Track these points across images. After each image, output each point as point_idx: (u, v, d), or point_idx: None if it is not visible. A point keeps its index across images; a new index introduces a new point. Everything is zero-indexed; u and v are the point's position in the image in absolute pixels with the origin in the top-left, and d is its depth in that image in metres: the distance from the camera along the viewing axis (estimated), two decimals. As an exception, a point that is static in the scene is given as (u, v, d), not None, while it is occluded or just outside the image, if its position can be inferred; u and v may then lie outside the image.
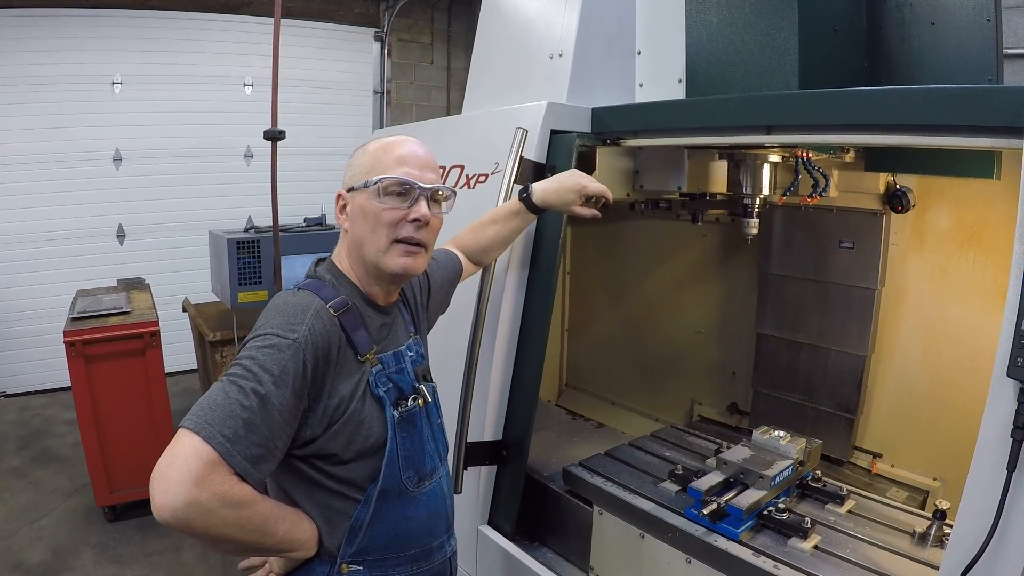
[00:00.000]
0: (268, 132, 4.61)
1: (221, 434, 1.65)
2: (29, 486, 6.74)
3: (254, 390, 1.72)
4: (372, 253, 2.03)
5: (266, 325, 1.88)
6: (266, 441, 1.73)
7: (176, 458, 1.61)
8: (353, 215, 2.07)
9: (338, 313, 1.96)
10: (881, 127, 2.13)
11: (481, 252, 2.83)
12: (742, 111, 2.52)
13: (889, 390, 3.54)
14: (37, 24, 8.93)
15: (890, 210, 3.35)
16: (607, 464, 3.12)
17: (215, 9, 9.61)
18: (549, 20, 3.54)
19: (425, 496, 2.14)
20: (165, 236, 9.97)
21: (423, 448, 2.14)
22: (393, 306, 2.23)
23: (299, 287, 2.04)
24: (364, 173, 2.05)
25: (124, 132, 9.57)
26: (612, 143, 3.13)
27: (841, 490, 2.73)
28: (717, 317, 4.34)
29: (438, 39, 11.60)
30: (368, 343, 2.03)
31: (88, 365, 5.63)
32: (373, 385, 2.01)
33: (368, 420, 1.98)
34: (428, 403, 2.18)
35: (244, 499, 1.69)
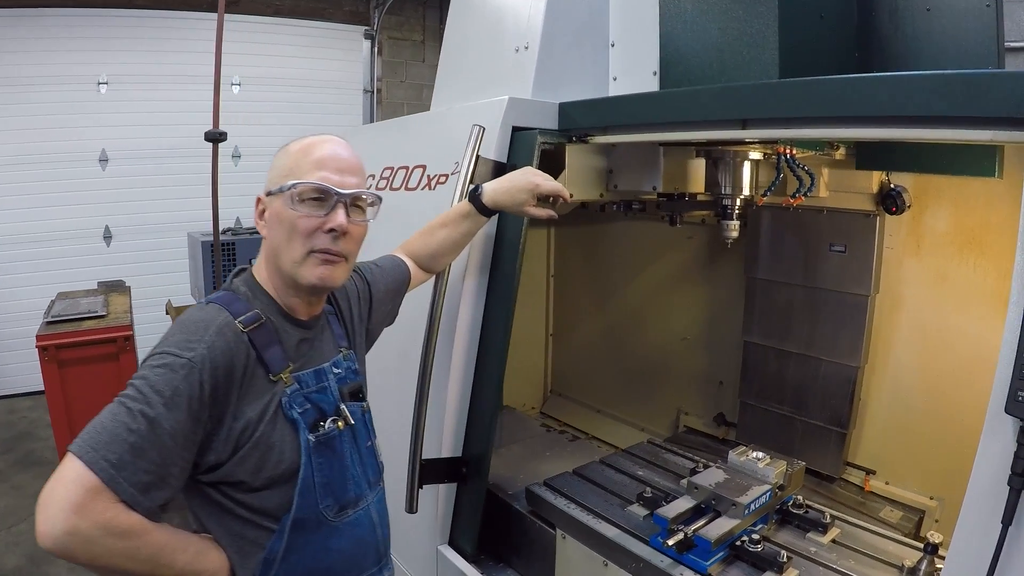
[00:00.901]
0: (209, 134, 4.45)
1: (105, 459, 1.54)
2: (10, 490, 6.70)
3: (142, 412, 1.59)
4: (288, 264, 1.89)
5: (164, 343, 1.75)
6: (156, 467, 1.61)
7: (58, 484, 1.53)
8: (270, 221, 1.93)
9: (248, 329, 1.81)
10: (868, 119, 1.91)
11: (431, 258, 2.68)
12: (714, 103, 2.32)
13: (883, 403, 3.36)
14: (21, 24, 8.88)
15: (884, 211, 3.17)
16: (574, 484, 2.95)
17: (202, 8, 9.48)
18: (516, 11, 3.37)
19: (348, 526, 1.99)
20: (151, 238, 9.92)
21: (344, 474, 1.99)
22: (317, 320, 2.08)
23: (209, 300, 1.89)
24: (282, 176, 1.90)
25: (110, 133, 9.52)
26: (579, 140, 2.95)
27: (824, 517, 2.52)
28: (704, 323, 4.17)
29: (430, 37, 11.46)
30: (282, 361, 1.88)
31: (62, 369, 5.61)
32: (286, 406, 1.86)
33: (279, 444, 1.83)
34: (351, 425, 2.01)
35: (131, 528, 1.58)
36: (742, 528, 2.33)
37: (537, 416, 4.83)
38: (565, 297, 4.93)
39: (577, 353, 4.90)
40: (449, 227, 2.63)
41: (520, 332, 2.94)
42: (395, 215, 3.21)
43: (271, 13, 10.26)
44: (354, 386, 2.11)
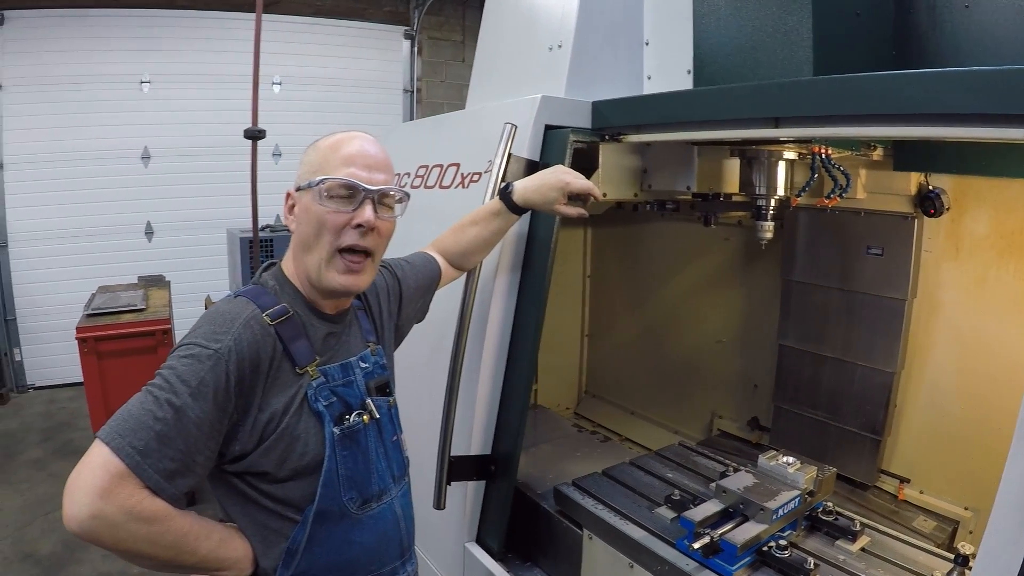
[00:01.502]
0: (249, 131, 4.47)
1: (131, 446, 1.57)
2: (47, 478, 6.84)
3: (169, 401, 1.62)
4: (314, 264, 1.91)
5: (192, 334, 1.77)
6: (182, 455, 1.63)
7: (85, 469, 1.56)
8: (299, 216, 1.95)
9: (275, 322, 1.82)
10: (904, 117, 1.85)
11: (461, 255, 2.67)
12: (746, 102, 2.29)
13: (919, 410, 3.29)
14: (67, 24, 9.09)
15: (922, 213, 3.10)
16: (602, 485, 2.93)
17: (243, 8, 9.58)
18: (550, 10, 3.36)
19: (371, 519, 1.99)
20: (192, 234, 10.09)
21: (369, 468, 1.99)
22: (345, 314, 2.09)
23: (237, 294, 1.90)
24: (311, 172, 1.92)
25: (152, 131, 9.71)
26: (613, 139, 2.92)
27: (854, 524, 2.45)
28: (739, 326, 4.11)
29: (469, 37, 11.46)
30: (309, 354, 1.89)
31: (100, 361, 5.69)
32: (311, 399, 1.86)
33: (304, 436, 1.84)
34: (376, 419, 2.02)
35: (155, 514, 1.60)
36: (769, 534, 2.29)
37: (571, 416, 4.81)
38: (601, 297, 4.89)
39: (612, 354, 4.87)
40: (480, 225, 2.62)
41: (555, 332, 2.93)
42: (429, 213, 3.22)
43: (311, 13, 10.35)
44: (381, 381, 2.11)
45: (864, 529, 2.47)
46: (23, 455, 7.40)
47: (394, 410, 2.15)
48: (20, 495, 6.47)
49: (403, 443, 2.19)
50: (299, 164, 1.98)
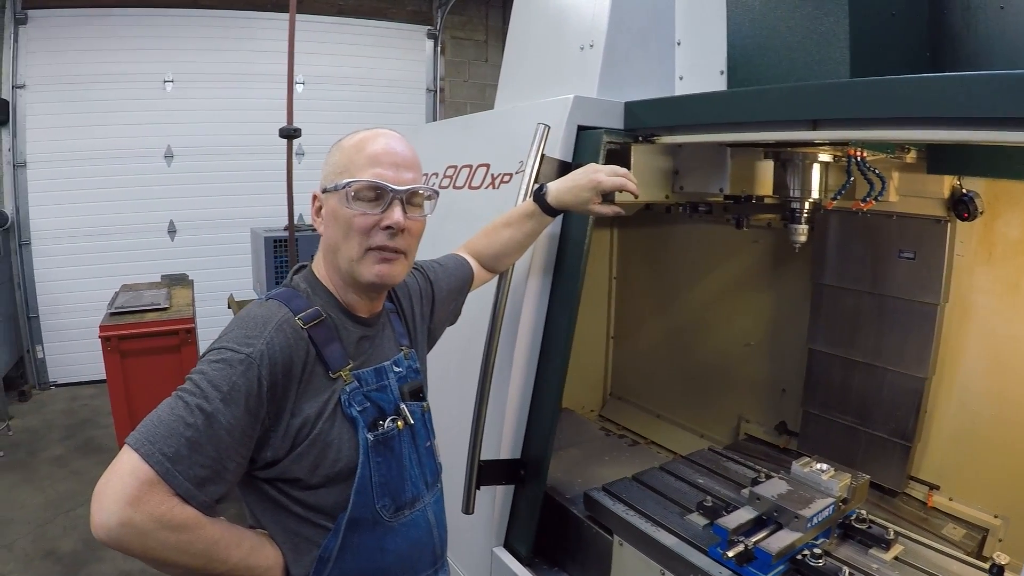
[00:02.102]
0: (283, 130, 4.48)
1: (161, 452, 1.55)
2: (69, 475, 6.88)
3: (200, 407, 1.60)
4: (346, 261, 1.88)
5: (223, 338, 1.75)
6: (212, 462, 1.61)
7: (114, 476, 1.54)
8: (327, 219, 1.92)
9: (308, 326, 1.80)
10: (942, 120, 1.82)
11: (494, 258, 2.64)
12: (784, 103, 2.25)
13: (950, 416, 3.25)
14: (91, 24, 9.19)
15: (955, 217, 3.05)
16: (632, 490, 2.90)
17: (266, 8, 9.65)
18: (580, 9, 3.34)
19: (405, 527, 1.96)
20: (215, 232, 10.15)
21: (403, 474, 1.96)
22: (378, 317, 2.06)
23: (269, 296, 1.88)
24: (337, 174, 1.89)
25: (176, 129, 9.79)
26: (646, 140, 2.89)
27: (888, 532, 2.41)
28: (768, 329, 4.07)
29: (492, 37, 11.50)
30: (342, 358, 1.86)
31: (123, 360, 5.69)
32: (345, 404, 1.83)
33: (337, 442, 1.81)
34: (410, 425, 1.99)
35: (185, 522, 1.58)
36: (804, 542, 2.25)
37: (596, 419, 4.78)
38: (627, 299, 4.86)
39: (638, 356, 4.83)
40: (513, 227, 2.59)
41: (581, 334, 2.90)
42: (459, 214, 3.20)
43: (335, 13, 10.39)
44: (414, 385, 2.08)
45: (898, 538, 2.43)
46: (45, 452, 7.44)
47: (427, 415, 2.12)
48: (42, 492, 6.51)
49: (436, 449, 2.16)
50: (323, 165, 1.95)
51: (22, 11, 8.85)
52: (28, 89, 9.06)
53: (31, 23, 8.94)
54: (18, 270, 9.30)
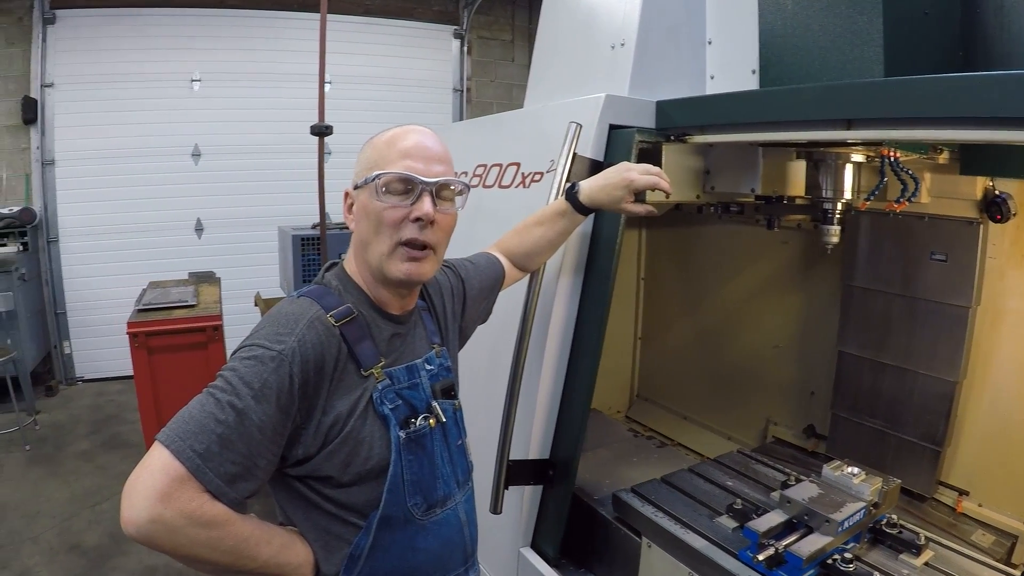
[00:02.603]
0: (315, 127, 4.50)
1: (192, 449, 1.55)
2: (95, 470, 6.95)
3: (231, 404, 1.60)
4: (376, 257, 1.87)
5: (254, 335, 1.75)
6: (243, 459, 1.61)
7: (144, 472, 1.54)
8: (358, 215, 1.91)
9: (340, 323, 1.80)
10: (976, 120, 1.81)
11: (526, 256, 2.63)
12: (817, 103, 2.23)
13: (981, 421, 3.20)
14: (118, 23, 9.28)
15: (988, 219, 3.01)
16: (661, 492, 2.88)
17: (292, 7, 9.70)
18: (611, 8, 3.32)
19: (436, 525, 1.95)
20: (242, 230, 10.21)
21: (434, 472, 1.94)
22: (410, 315, 2.05)
23: (300, 294, 1.89)
24: (367, 169, 1.88)
25: (203, 128, 9.87)
26: (677, 139, 2.87)
27: (918, 538, 2.38)
28: (797, 331, 4.03)
29: (519, 37, 11.50)
30: (374, 356, 1.86)
31: (151, 356, 5.73)
32: (377, 402, 1.83)
33: (368, 440, 1.80)
34: (442, 423, 1.98)
35: (215, 519, 1.58)
36: (834, 546, 2.23)
37: (623, 420, 4.76)
38: (655, 300, 4.84)
39: (665, 357, 4.80)
40: (545, 226, 2.58)
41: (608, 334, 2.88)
42: (489, 213, 3.20)
43: (362, 13, 10.43)
44: (446, 383, 2.07)
45: (928, 543, 2.40)
46: (71, 447, 7.52)
47: (459, 413, 2.11)
48: (67, 486, 6.57)
49: (467, 447, 2.15)
50: (356, 163, 1.96)
51: (50, 11, 8.94)
52: (56, 88, 9.15)
53: (59, 23, 9.04)
54: (46, 266, 9.40)
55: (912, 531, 2.44)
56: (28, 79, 9.02)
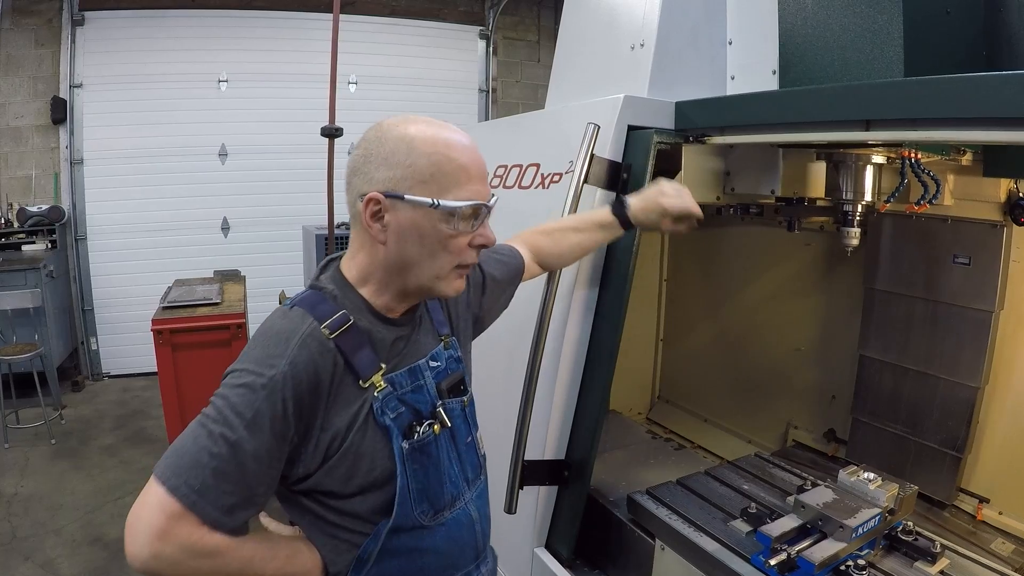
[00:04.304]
0: (325, 129, 4.50)
1: (187, 485, 1.53)
2: (119, 464, 7.03)
3: (223, 436, 1.56)
4: (426, 279, 1.78)
5: (245, 357, 1.68)
6: (240, 489, 1.59)
7: (143, 509, 1.53)
8: (401, 233, 1.72)
9: (335, 334, 1.70)
10: (999, 121, 1.78)
11: (556, 258, 2.56)
12: (837, 103, 2.21)
13: (1003, 428, 3.15)
14: (147, 25, 9.38)
15: (1012, 222, 2.96)
16: (676, 494, 2.86)
17: (319, 8, 9.75)
18: (631, 8, 3.31)
19: (444, 527, 1.89)
20: (267, 230, 10.27)
21: (440, 479, 1.88)
22: (413, 313, 1.93)
23: (294, 303, 1.77)
24: (423, 183, 1.69)
25: (230, 128, 9.94)
26: (696, 140, 2.86)
27: (934, 545, 2.34)
28: (818, 335, 3.99)
29: (544, 37, 11.49)
30: (373, 364, 1.75)
31: (175, 353, 5.79)
32: (378, 412, 1.74)
33: (370, 453, 1.74)
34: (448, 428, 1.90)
35: (215, 549, 1.57)
36: (848, 552, 2.20)
37: (643, 422, 4.73)
38: (677, 302, 4.81)
39: (687, 360, 4.78)
40: (583, 234, 2.53)
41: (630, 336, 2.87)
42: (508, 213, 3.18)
43: (387, 13, 10.46)
44: (454, 379, 1.98)
45: (944, 551, 2.36)
46: (96, 441, 7.60)
47: (468, 409, 2.03)
48: (92, 480, 6.65)
49: (479, 441, 2.07)
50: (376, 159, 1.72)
51: (79, 12, 9.06)
52: (85, 88, 9.27)
53: (88, 24, 9.16)
54: (74, 264, 9.52)
55: (928, 538, 2.40)
56: (57, 80, 9.15)
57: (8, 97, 9.07)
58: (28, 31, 9.02)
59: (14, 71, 9.05)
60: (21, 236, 8.89)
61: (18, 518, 5.83)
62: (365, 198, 1.69)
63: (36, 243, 8.90)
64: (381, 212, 1.70)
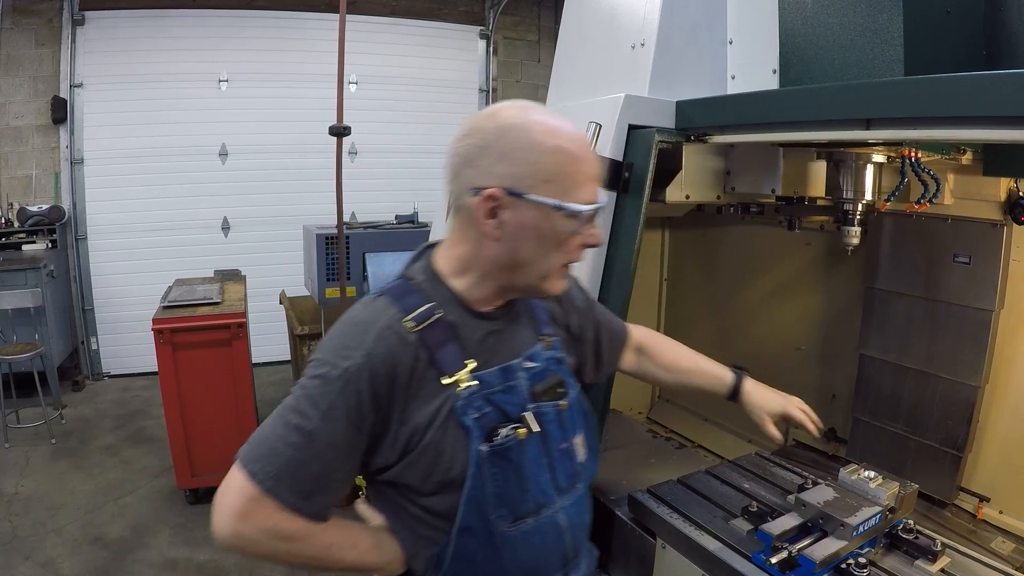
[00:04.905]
0: (333, 128, 4.51)
1: (265, 471, 1.61)
2: (119, 464, 7.08)
3: (299, 427, 1.62)
4: (537, 277, 1.76)
5: (324, 347, 1.72)
6: (318, 476, 1.65)
7: (227, 491, 1.63)
8: (517, 231, 1.68)
9: (419, 327, 1.69)
10: (999, 120, 1.77)
11: (661, 370, 2.58)
12: (837, 102, 2.21)
13: (1003, 427, 3.14)
14: (147, 24, 9.42)
15: (1012, 220, 2.96)
16: (678, 493, 2.84)
17: (319, 8, 9.77)
18: (632, 7, 3.30)
19: (527, 535, 1.82)
20: (268, 229, 10.29)
21: (523, 484, 1.80)
22: (508, 308, 1.89)
23: (381, 292, 1.78)
24: (546, 183, 1.65)
25: (230, 128, 9.98)
26: (697, 140, 2.84)
27: (935, 544, 2.32)
28: (819, 334, 3.99)
29: (545, 37, 11.50)
30: (458, 360, 1.73)
31: (175, 353, 5.79)
32: (460, 411, 1.71)
33: (450, 451, 1.71)
34: (536, 432, 1.82)
35: (294, 533, 1.65)
36: (849, 550, 2.20)
37: (644, 421, 4.72)
38: (678, 301, 4.79)
39: (688, 359, 4.75)
40: (694, 375, 2.55)
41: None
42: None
43: (387, 13, 10.47)
44: (552, 381, 1.93)
45: (945, 549, 2.35)
46: (96, 441, 7.64)
47: (566, 413, 1.95)
48: (92, 480, 6.68)
49: (576, 448, 1.99)
50: (494, 152, 1.66)
51: (79, 12, 9.09)
52: (85, 88, 9.30)
53: (88, 24, 9.19)
54: (74, 263, 9.55)
55: (929, 537, 2.39)
56: (58, 79, 9.18)
57: (8, 97, 9.09)
58: (28, 31, 9.04)
59: (14, 71, 9.07)
60: (21, 236, 8.91)
61: (18, 517, 5.85)
62: (482, 194, 1.65)
63: (36, 243, 8.92)
64: (498, 209, 1.66)
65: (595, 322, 2.29)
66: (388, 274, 5.60)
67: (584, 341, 2.26)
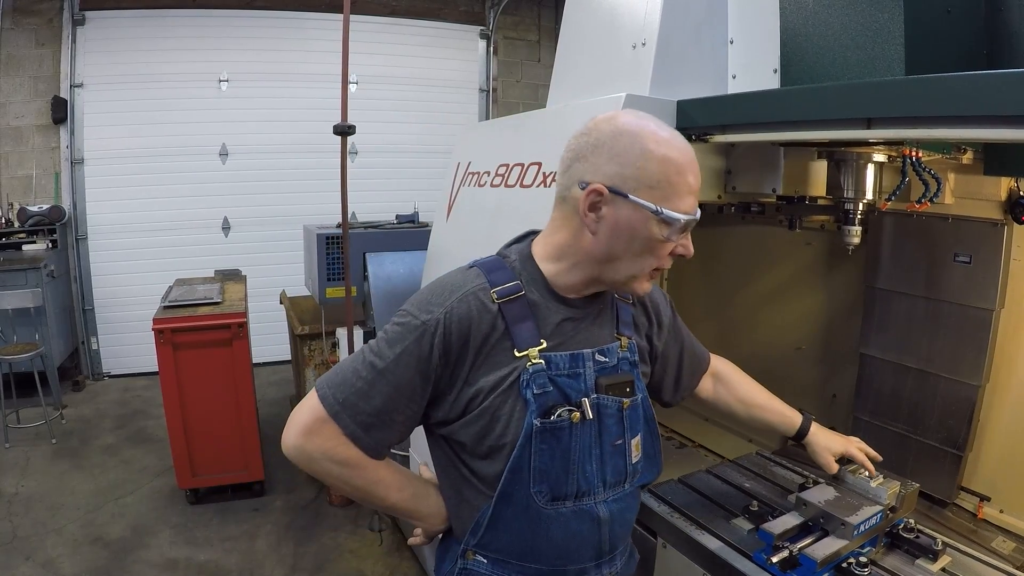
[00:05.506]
0: (338, 127, 4.51)
1: (334, 397, 1.82)
2: (119, 464, 7.08)
3: (372, 364, 1.82)
4: (624, 276, 1.86)
5: (412, 300, 1.90)
6: (380, 411, 1.82)
7: (302, 407, 1.86)
8: (615, 228, 1.78)
9: (501, 300, 1.83)
10: (1000, 119, 1.78)
11: (735, 401, 2.68)
12: (837, 101, 2.21)
13: (1003, 426, 3.13)
14: (147, 24, 9.43)
15: (1013, 220, 2.95)
16: (678, 492, 2.87)
17: (319, 9, 9.78)
18: (633, 7, 3.30)
19: (563, 516, 1.92)
20: (268, 229, 10.32)
21: (568, 467, 1.89)
22: (593, 300, 1.99)
23: (474, 263, 1.95)
24: (649, 188, 1.73)
25: (230, 128, 10.00)
26: (698, 139, 2.85)
27: (936, 543, 2.34)
28: (819, 333, 3.98)
29: (545, 37, 11.51)
30: (532, 337, 1.85)
31: (176, 352, 5.79)
32: (523, 384, 1.83)
33: (506, 418, 1.84)
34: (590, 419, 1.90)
35: (348, 459, 1.84)
36: (850, 550, 2.21)
37: (645, 421, 4.71)
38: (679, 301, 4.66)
39: (687, 359, 4.74)
40: (767, 412, 2.64)
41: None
42: (510, 212, 3.20)
43: (387, 13, 10.49)
44: (621, 379, 1.99)
45: (946, 548, 2.37)
46: (97, 440, 7.64)
47: (628, 412, 2.01)
48: (92, 479, 6.69)
49: (632, 447, 2.06)
50: (608, 151, 1.76)
51: (80, 12, 9.11)
52: (86, 88, 9.31)
53: (89, 24, 9.20)
54: (75, 264, 9.57)
55: (930, 536, 2.41)
56: (58, 79, 9.19)
57: (8, 97, 9.10)
58: (28, 31, 9.05)
59: (15, 71, 9.08)
60: (22, 236, 8.91)
61: (19, 517, 5.85)
62: (588, 187, 1.75)
63: (37, 243, 8.92)
64: (600, 204, 1.77)
65: (679, 342, 2.45)
66: (389, 274, 5.60)
67: (667, 359, 2.43)
